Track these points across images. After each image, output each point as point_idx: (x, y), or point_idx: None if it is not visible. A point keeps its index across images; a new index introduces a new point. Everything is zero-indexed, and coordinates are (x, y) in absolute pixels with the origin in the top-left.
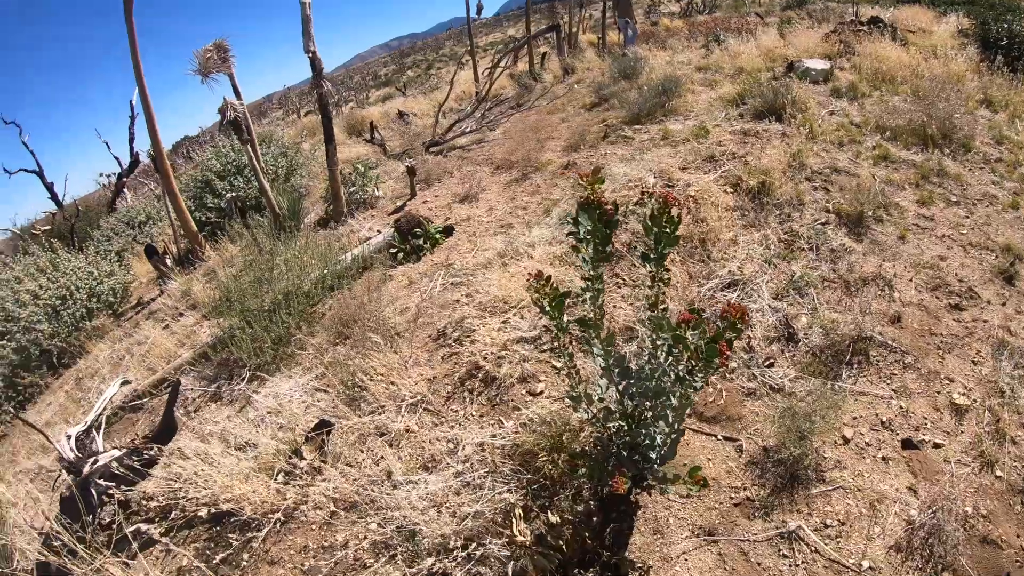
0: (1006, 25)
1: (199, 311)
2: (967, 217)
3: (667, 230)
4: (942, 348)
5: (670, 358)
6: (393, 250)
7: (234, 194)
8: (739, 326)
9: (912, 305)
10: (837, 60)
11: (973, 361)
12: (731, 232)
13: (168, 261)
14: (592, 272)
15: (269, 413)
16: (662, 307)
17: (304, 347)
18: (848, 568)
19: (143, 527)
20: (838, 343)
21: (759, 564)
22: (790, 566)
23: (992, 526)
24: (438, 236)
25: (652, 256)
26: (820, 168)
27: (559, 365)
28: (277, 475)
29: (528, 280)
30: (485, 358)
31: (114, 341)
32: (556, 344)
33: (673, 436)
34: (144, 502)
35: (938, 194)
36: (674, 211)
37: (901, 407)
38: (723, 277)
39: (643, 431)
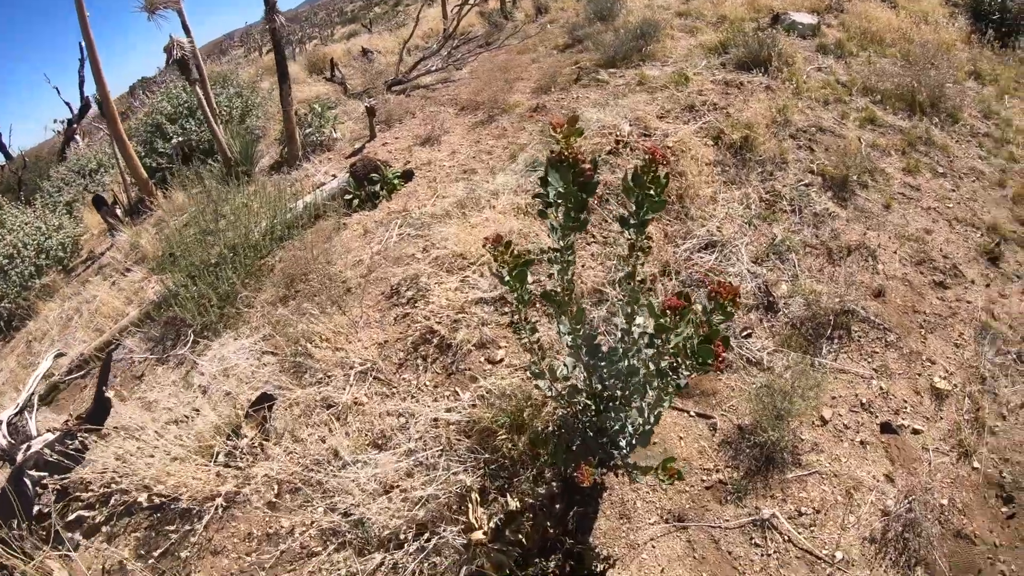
0: (999, 0)
1: (146, 266)
2: (953, 191)
3: (651, 193)
4: (925, 327)
5: (651, 349)
6: (348, 197)
7: (180, 139)
8: (730, 310)
9: (896, 279)
10: (825, 16)
11: (955, 344)
12: (711, 188)
13: (118, 211)
14: (562, 243)
15: (215, 379)
16: (639, 279)
17: (252, 304)
18: (821, 559)
19: (84, 514)
20: (819, 315)
21: (730, 553)
22: (762, 556)
23: (967, 520)
24: (396, 182)
25: (632, 221)
26: (805, 126)
27: (521, 339)
28: (216, 457)
29: (486, 244)
30: (440, 321)
31: (64, 299)
32: (517, 318)
33: (647, 427)
34: (82, 490)
35: (924, 163)
36: (661, 170)
37: (881, 388)
38: (701, 237)
39: (612, 415)
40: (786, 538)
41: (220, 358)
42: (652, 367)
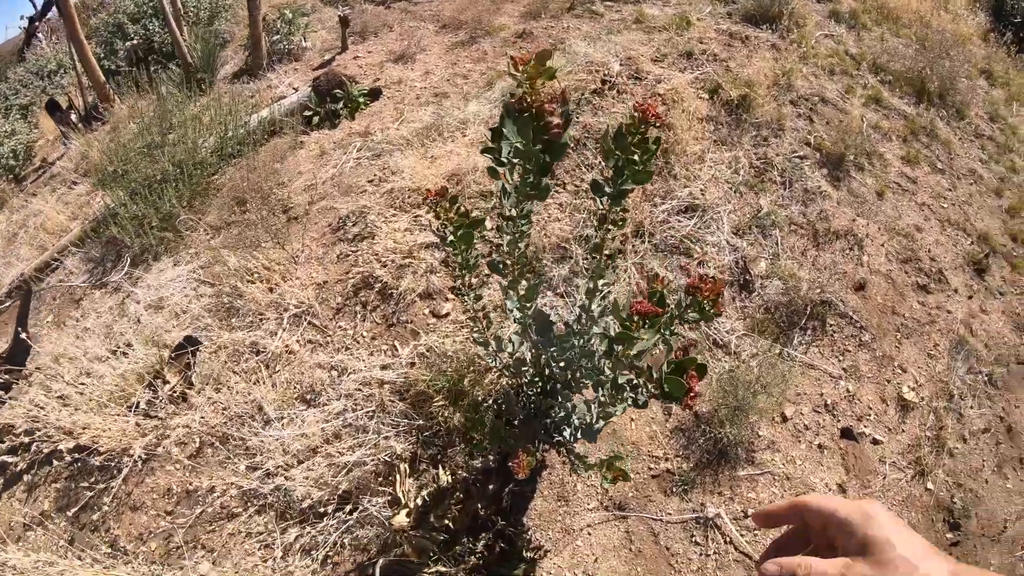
0: (1022, 4)
1: (91, 179)
2: (950, 190)
3: (636, 159)
4: (901, 331)
5: (608, 360)
6: (308, 113)
7: (135, 41)
8: (709, 310)
9: (880, 274)
10: None
11: (929, 354)
12: (700, 146)
13: (72, 117)
14: (514, 211)
15: (149, 309)
16: (606, 252)
17: (195, 228)
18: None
19: (8, 459)
20: (796, 303)
21: (668, 549)
22: (701, 555)
23: None
24: (362, 100)
25: (608, 190)
26: (808, 94)
27: (464, 305)
28: (137, 405)
29: (427, 198)
30: (385, 265)
31: (12, 211)
32: (460, 284)
33: (596, 426)
34: (6, 433)
35: (925, 156)
36: (652, 133)
37: (848, 391)
38: (682, 199)
39: (559, 400)
40: (728, 539)
41: (157, 286)
42: (608, 374)
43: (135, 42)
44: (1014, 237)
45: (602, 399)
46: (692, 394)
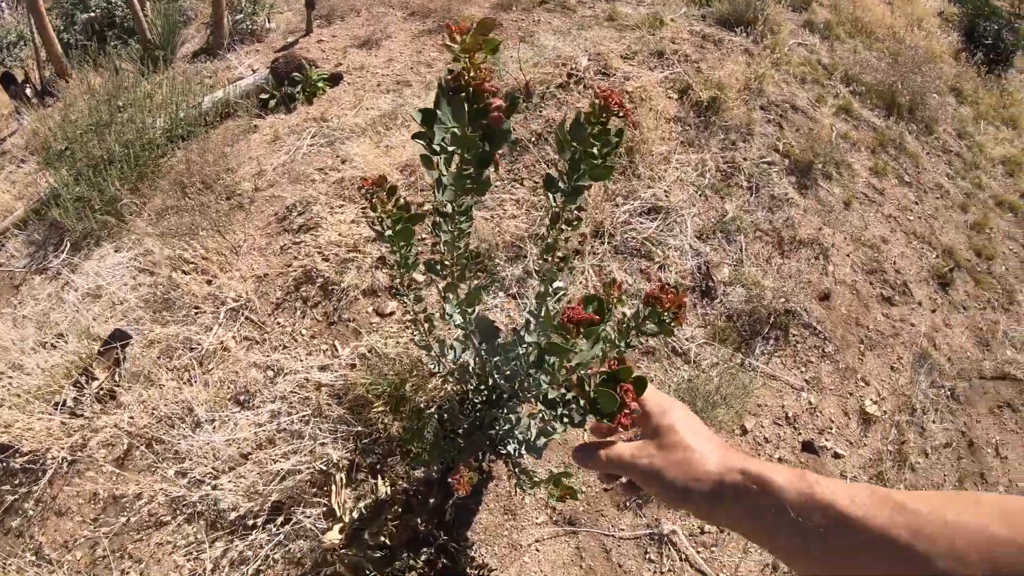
0: (996, 27)
1: (39, 157)
2: (916, 203)
3: (596, 152)
4: (865, 343)
5: (540, 372)
6: (264, 96)
7: (93, 13)
8: (670, 324)
9: (844, 284)
10: None
11: (892, 367)
12: (666, 147)
13: (27, 92)
14: (450, 206)
15: (86, 298)
16: (559, 254)
17: (139, 213)
18: None
19: None
20: (759, 311)
21: (620, 566)
22: (654, 573)
23: None
24: (320, 85)
25: (562, 186)
26: (778, 100)
27: (404, 307)
28: (64, 403)
29: (362, 187)
30: (327, 259)
31: None
32: (398, 283)
33: (539, 443)
34: None
35: (892, 168)
36: (614, 124)
37: (810, 403)
38: (645, 200)
39: (503, 413)
40: (683, 556)
41: (96, 273)
42: (544, 387)
43: (94, 14)
44: (978, 252)
45: (543, 415)
46: (627, 411)
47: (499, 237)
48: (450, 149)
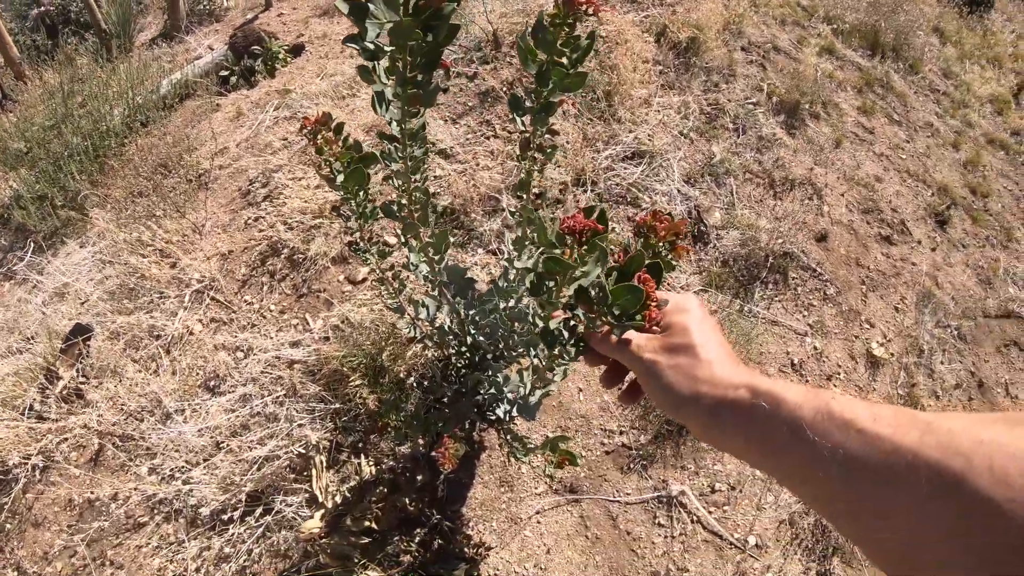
0: None
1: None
2: (908, 142)
3: (566, 60)
4: (867, 284)
5: (534, 297)
6: (225, 73)
7: (42, 7)
8: (669, 258)
9: (841, 225)
10: None
11: (896, 307)
12: (646, 90)
13: None
14: (397, 126)
15: (54, 298)
16: (536, 190)
17: (102, 205)
18: (732, 543)
19: None
20: (755, 254)
21: (628, 533)
22: (665, 538)
23: None
24: (281, 55)
25: (529, 104)
26: (759, 41)
27: (367, 264)
28: (31, 407)
29: (304, 127)
30: (292, 228)
31: None
32: (355, 238)
33: (532, 399)
34: None
35: (880, 107)
36: (582, 27)
37: (815, 348)
38: (628, 144)
39: (488, 374)
40: (695, 518)
41: (62, 272)
42: (537, 322)
43: (43, 8)
44: (973, 190)
45: (537, 364)
46: (653, 303)
47: (474, 191)
48: (388, 49)
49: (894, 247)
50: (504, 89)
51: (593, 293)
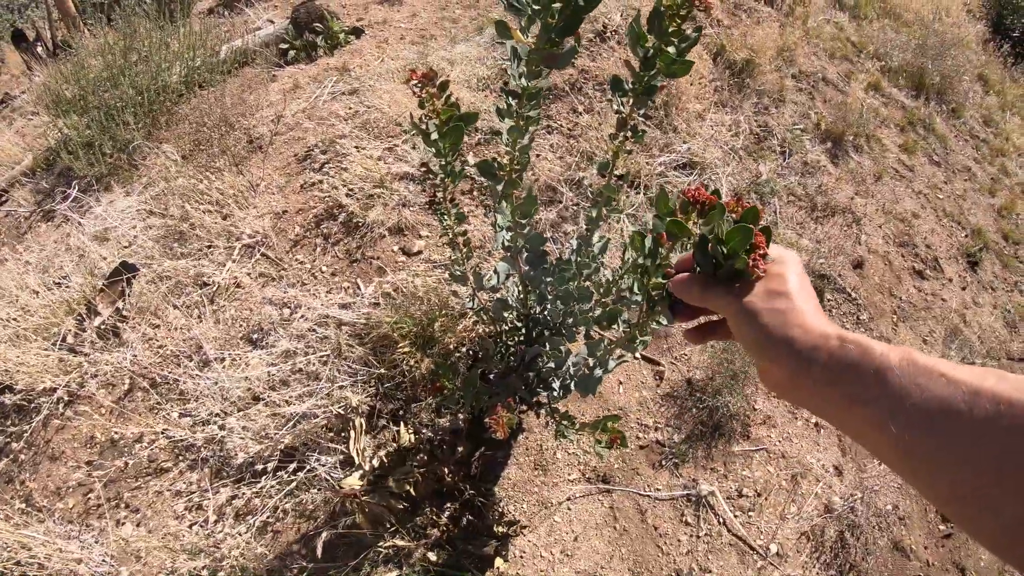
0: (1022, 20)
1: (50, 109)
2: (946, 183)
3: (672, 48)
4: (898, 314)
5: (627, 268)
6: (284, 46)
7: None
8: (751, 246)
9: (877, 255)
10: None
11: (924, 339)
12: (700, 104)
13: (39, 50)
14: (525, 84)
15: (94, 241)
16: (617, 172)
17: (152, 156)
18: (754, 549)
19: None
20: None
21: (656, 528)
22: (691, 537)
23: (906, 531)
24: (342, 36)
25: (631, 84)
26: (809, 71)
27: (443, 226)
28: (64, 339)
29: (411, 79)
30: (352, 194)
31: None
32: (440, 197)
33: (596, 373)
34: None
35: (922, 147)
36: (689, 25)
37: None
38: (681, 153)
39: (547, 347)
40: (721, 520)
41: (105, 216)
42: (637, 293)
43: None
44: (1005, 236)
45: (614, 337)
46: (760, 252)
47: (533, 178)
48: (535, 8)
49: (926, 282)
50: (567, 88)
51: (710, 240)
